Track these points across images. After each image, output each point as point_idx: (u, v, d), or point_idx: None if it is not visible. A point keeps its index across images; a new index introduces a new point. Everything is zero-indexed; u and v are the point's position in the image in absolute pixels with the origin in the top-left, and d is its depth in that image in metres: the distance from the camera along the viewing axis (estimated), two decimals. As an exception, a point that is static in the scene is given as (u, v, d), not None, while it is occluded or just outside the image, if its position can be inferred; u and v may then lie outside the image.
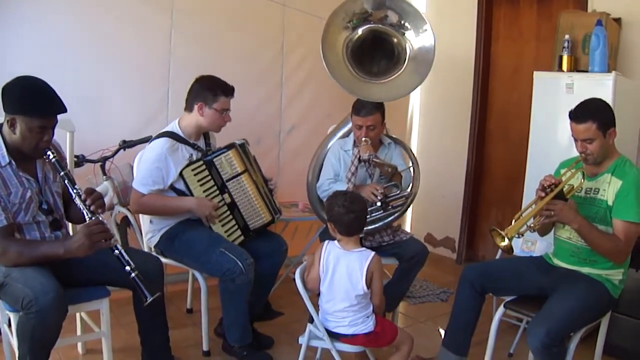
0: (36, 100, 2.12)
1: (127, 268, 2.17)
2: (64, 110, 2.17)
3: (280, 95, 4.32)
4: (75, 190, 2.19)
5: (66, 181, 2.21)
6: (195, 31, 3.82)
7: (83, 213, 2.18)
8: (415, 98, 5.22)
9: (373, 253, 2.37)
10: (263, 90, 4.21)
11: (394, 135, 3.37)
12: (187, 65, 3.71)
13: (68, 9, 3.31)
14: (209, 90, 2.85)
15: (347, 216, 2.34)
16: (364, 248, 2.41)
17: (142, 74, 3.65)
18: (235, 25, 4.00)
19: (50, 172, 2.35)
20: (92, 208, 2.18)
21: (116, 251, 2.18)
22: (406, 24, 3.18)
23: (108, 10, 3.45)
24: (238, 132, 3.11)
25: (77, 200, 2.18)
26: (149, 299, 2.18)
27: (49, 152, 2.21)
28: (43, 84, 2.16)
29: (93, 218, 2.17)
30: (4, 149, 2.17)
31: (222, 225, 2.89)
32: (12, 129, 2.14)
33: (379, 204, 2.98)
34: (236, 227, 2.93)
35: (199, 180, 2.85)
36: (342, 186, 3.05)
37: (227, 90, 2.88)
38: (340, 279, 2.35)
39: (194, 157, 2.88)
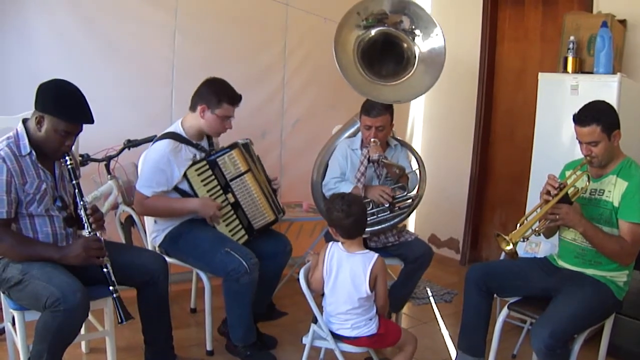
0: (68, 105, 2.19)
1: (111, 288, 2.25)
2: (91, 121, 2.25)
3: (282, 94, 4.32)
4: (82, 202, 2.27)
5: (76, 191, 2.29)
6: (199, 31, 3.83)
7: (84, 225, 2.27)
8: (419, 100, 5.19)
9: (376, 255, 2.36)
10: (265, 90, 4.21)
11: (399, 138, 3.37)
12: (190, 65, 3.72)
13: (72, 9, 3.33)
14: (215, 95, 2.83)
15: (346, 220, 2.33)
16: (367, 250, 2.40)
17: (146, 74, 3.66)
18: (239, 24, 4.01)
19: (67, 172, 2.38)
20: (93, 226, 2.27)
21: (105, 270, 2.25)
22: (417, 30, 3.17)
23: (113, 11, 3.47)
24: (240, 132, 3.11)
25: (82, 213, 2.27)
26: (123, 322, 2.23)
27: (66, 158, 2.27)
28: (79, 92, 2.23)
29: (92, 234, 2.26)
30: (26, 140, 2.21)
31: (226, 225, 2.89)
32: (38, 126, 2.19)
33: (387, 205, 2.99)
34: (240, 226, 2.93)
35: (202, 180, 2.86)
36: (349, 186, 3.04)
37: (232, 99, 2.85)
38: (344, 281, 2.34)
39: (197, 157, 2.88)
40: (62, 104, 2.18)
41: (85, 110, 2.22)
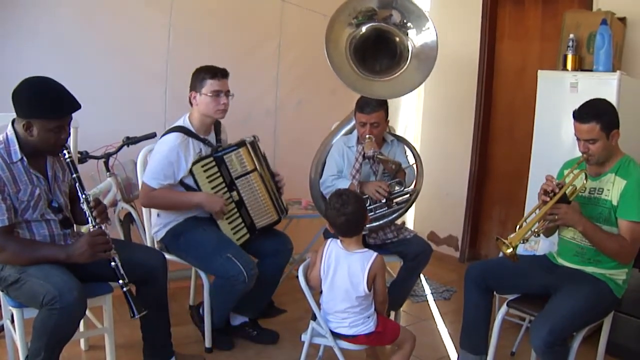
0: (48, 103, 2.11)
1: (120, 282, 2.21)
2: (77, 107, 2.17)
3: (275, 91, 4.31)
4: (84, 196, 2.21)
5: (77, 184, 2.22)
6: (194, 29, 3.82)
7: (88, 220, 2.22)
8: (414, 97, 5.19)
9: (375, 254, 2.35)
10: (259, 87, 4.21)
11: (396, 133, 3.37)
12: (184, 63, 3.67)
13: (69, 8, 3.33)
14: (197, 77, 2.84)
15: (338, 219, 2.33)
16: (366, 249, 2.39)
17: (141, 71, 3.66)
18: (234, 21, 4.00)
19: (60, 172, 2.36)
20: (97, 220, 2.22)
21: (113, 263, 2.21)
22: (409, 24, 3.17)
23: (109, 9, 3.48)
24: (237, 129, 3.10)
25: (85, 207, 2.21)
26: (136, 316, 2.22)
27: (65, 152, 2.21)
28: (51, 83, 2.14)
29: (97, 228, 2.20)
30: (17, 145, 2.16)
31: (229, 223, 2.89)
32: (29, 132, 2.13)
33: (383, 200, 2.99)
34: (242, 225, 2.93)
35: (207, 177, 2.85)
36: (345, 183, 3.05)
37: (213, 73, 2.82)
38: (341, 279, 2.33)
39: (203, 152, 2.88)
40: (43, 104, 2.10)
41: (67, 100, 2.14)
